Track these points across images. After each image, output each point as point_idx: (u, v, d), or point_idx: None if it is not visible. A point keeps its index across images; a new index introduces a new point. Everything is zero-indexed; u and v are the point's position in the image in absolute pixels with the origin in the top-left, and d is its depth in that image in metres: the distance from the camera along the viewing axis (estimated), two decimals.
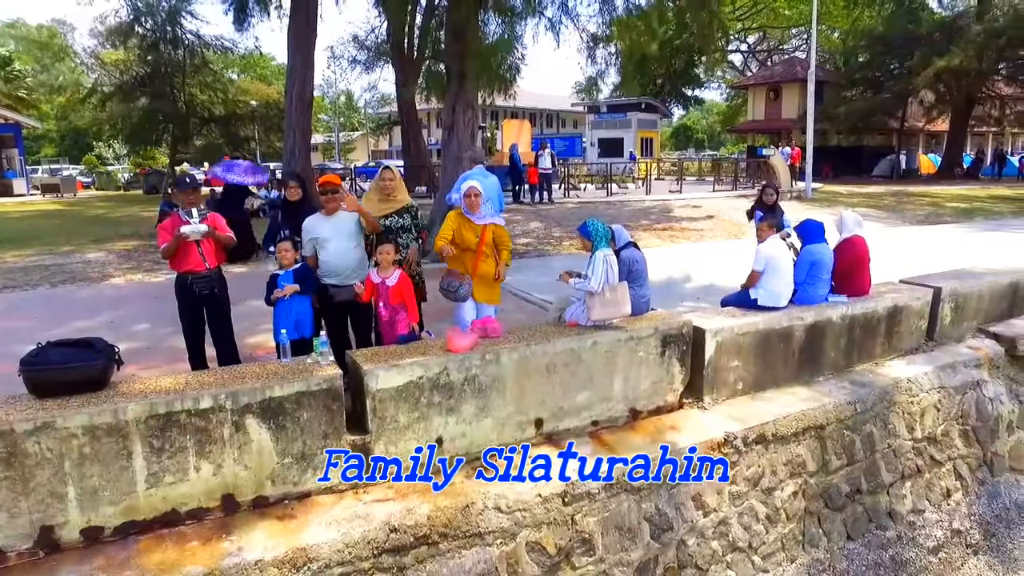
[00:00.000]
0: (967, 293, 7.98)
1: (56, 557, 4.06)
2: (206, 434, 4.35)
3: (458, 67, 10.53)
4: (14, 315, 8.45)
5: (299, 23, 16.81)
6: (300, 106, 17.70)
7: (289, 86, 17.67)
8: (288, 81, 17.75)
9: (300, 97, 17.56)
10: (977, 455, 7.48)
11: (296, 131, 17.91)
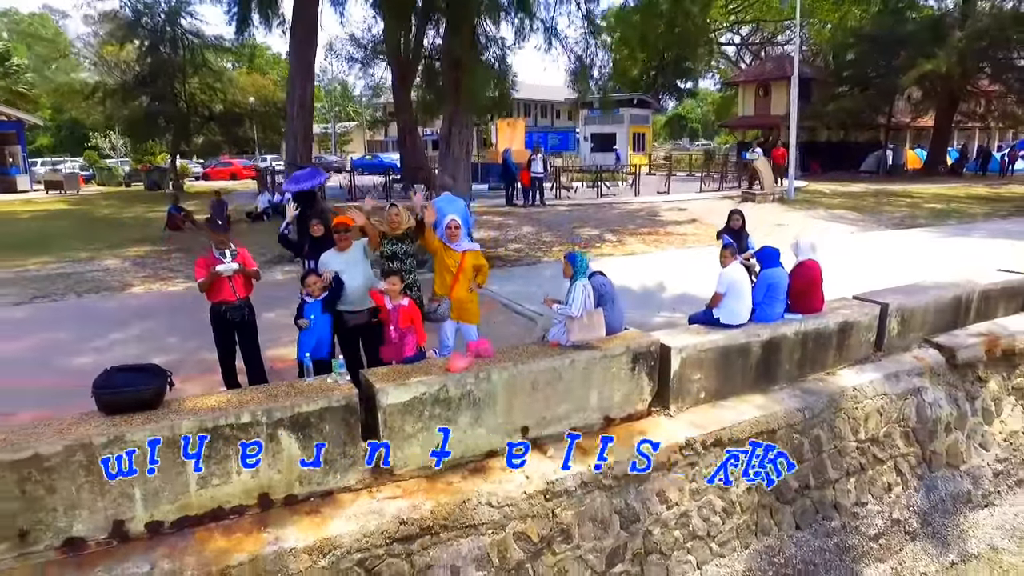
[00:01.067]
0: (913, 308, 8.88)
1: (126, 546, 4.93)
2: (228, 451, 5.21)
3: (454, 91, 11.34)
4: (52, 327, 9.28)
5: (300, 34, 17.56)
6: (301, 112, 18.48)
7: (290, 93, 18.43)
8: (289, 88, 18.52)
9: (301, 104, 18.34)
10: (917, 453, 8.41)
11: (297, 136, 18.70)
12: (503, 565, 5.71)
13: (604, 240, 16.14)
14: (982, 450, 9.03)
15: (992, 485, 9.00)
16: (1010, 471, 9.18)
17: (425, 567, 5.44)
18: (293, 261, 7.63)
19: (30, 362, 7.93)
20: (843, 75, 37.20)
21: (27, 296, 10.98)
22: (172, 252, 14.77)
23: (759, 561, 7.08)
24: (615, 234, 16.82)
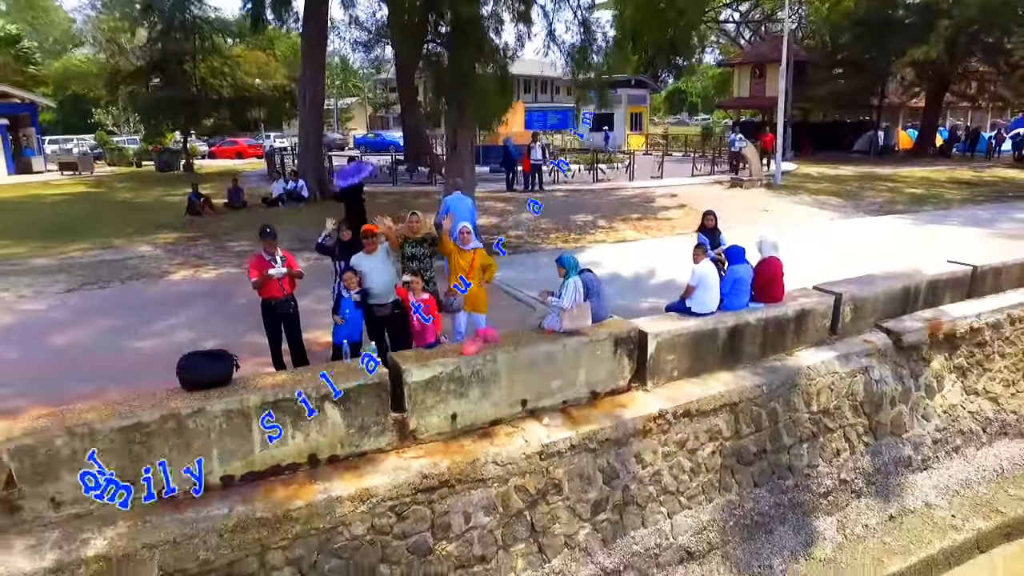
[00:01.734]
0: (865, 297, 10.11)
1: (207, 495, 6.21)
2: (298, 414, 6.47)
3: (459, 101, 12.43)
4: (107, 313, 10.51)
5: (311, 32, 18.58)
6: (312, 105, 19.57)
7: (302, 90, 19.50)
8: (300, 84, 19.59)
9: (312, 98, 19.43)
10: (864, 423, 9.69)
11: (309, 128, 19.79)
12: (506, 512, 7.01)
13: (597, 227, 17.32)
14: (924, 421, 10.32)
15: (931, 451, 10.31)
16: (948, 439, 10.49)
17: (443, 513, 6.74)
18: (315, 252, 8.94)
19: (99, 345, 9.16)
20: (837, 58, 37.96)
21: (76, 283, 12.18)
22: (199, 239, 15.94)
23: (722, 513, 8.39)
24: (608, 221, 18.00)
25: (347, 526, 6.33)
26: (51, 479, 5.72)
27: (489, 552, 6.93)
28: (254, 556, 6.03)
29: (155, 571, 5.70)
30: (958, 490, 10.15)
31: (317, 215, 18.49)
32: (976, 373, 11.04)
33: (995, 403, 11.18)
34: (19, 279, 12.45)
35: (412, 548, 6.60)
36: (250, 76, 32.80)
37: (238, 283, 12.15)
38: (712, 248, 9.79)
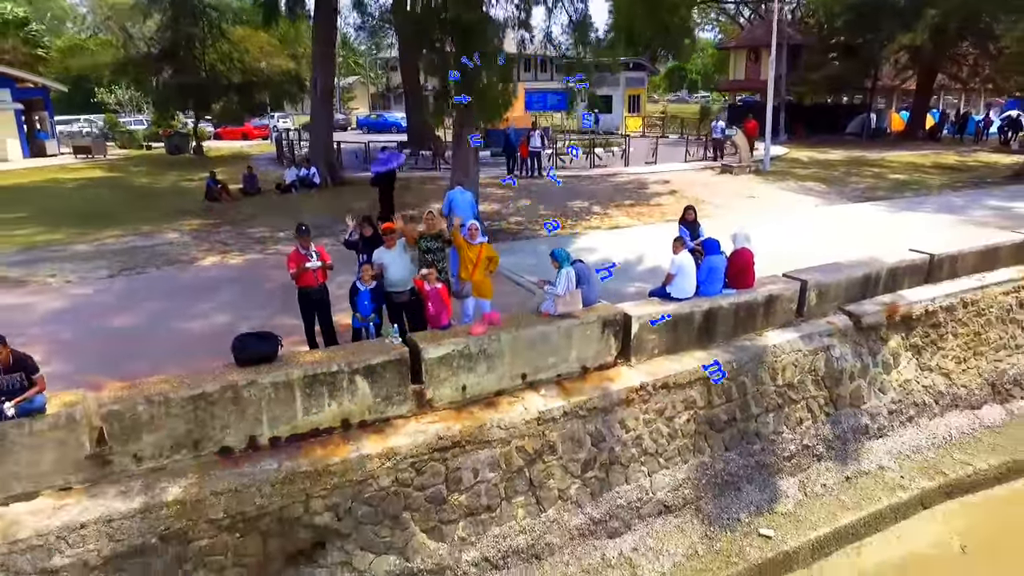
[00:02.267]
0: (829, 283, 11.29)
1: (258, 452, 7.43)
2: (333, 385, 7.67)
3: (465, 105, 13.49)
4: (149, 298, 11.69)
5: (321, 32, 19.56)
6: (323, 96, 20.62)
7: (314, 81, 20.54)
8: (313, 76, 20.58)
9: (323, 90, 20.48)
10: (825, 396, 10.92)
11: (319, 118, 20.84)
12: (508, 469, 8.25)
13: (593, 213, 18.45)
14: (880, 394, 11.56)
15: (887, 421, 11.56)
16: (902, 410, 11.74)
17: (455, 469, 7.98)
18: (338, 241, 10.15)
19: (147, 327, 10.35)
20: (832, 42, 38.74)
21: (115, 269, 13.34)
22: (220, 225, 17.06)
23: (695, 472, 9.66)
24: (603, 207, 19.12)
25: (375, 479, 7.57)
26: (134, 439, 6.95)
27: (494, 502, 8.19)
28: (300, 503, 7.28)
29: (220, 514, 6.94)
30: (909, 455, 11.44)
31: (329, 201, 19.77)
32: (930, 351, 12.26)
33: (947, 378, 12.42)
34: (63, 265, 13.62)
35: (429, 498, 7.86)
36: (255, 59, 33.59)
37: (263, 269, 13.39)
38: (692, 239, 10.95)
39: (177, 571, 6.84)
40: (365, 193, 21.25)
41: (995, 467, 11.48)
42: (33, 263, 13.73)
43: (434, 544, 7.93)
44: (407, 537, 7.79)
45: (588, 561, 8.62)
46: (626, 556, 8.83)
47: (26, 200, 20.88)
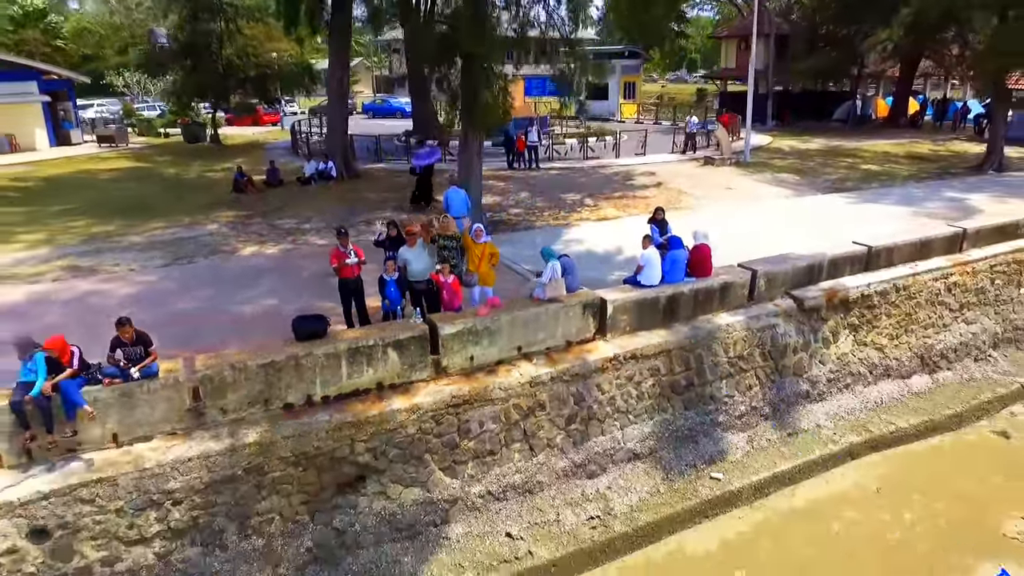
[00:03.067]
0: (776, 272, 13.41)
1: (312, 408, 9.61)
2: (370, 356, 9.84)
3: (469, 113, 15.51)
4: (204, 284, 13.81)
5: (337, 41, 21.48)
6: (339, 99, 22.61)
7: (330, 81, 22.50)
8: (329, 77, 22.56)
9: (338, 92, 22.49)
10: (771, 366, 13.09)
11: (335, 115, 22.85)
12: (507, 422, 10.45)
13: (583, 205, 20.52)
14: (820, 365, 13.74)
15: (825, 387, 13.75)
16: (839, 379, 13.92)
17: (465, 421, 10.17)
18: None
19: (208, 309, 12.49)
20: (818, 33, 40.43)
21: (169, 259, 15.47)
22: (252, 217, 19.11)
23: (659, 427, 11.86)
24: (593, 199, 21.19)
25: (403, 428, 9.77)
26: (220, 396, 9.12)
27: (495, 448, 10.40)
28: (346, 446, 9.47)
29: (287, 453, 9.14)
30: (843, 415, 13.65)
31: (345, 193, 21.81)
32: (866, 329, 14.41)
33: (881, 352, 14.59)
34: (123, 255, 15.75)
35: (445, 443, 10.06)
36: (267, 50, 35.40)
37: (297, 259, 15.52)
38: (661, 236, 13.06)
39: (257, 495, 9.06)
40: (376, 185, 23.41)
41: (915, 426, 13.72)
42: (98, 253, 15.86)
43: (449, 480, 10.16)
44: (428, 474, 10.01)
45: (570, 496, 10.87)
46: (601, 492, 11.07)
47: (69, 192, 22.95)
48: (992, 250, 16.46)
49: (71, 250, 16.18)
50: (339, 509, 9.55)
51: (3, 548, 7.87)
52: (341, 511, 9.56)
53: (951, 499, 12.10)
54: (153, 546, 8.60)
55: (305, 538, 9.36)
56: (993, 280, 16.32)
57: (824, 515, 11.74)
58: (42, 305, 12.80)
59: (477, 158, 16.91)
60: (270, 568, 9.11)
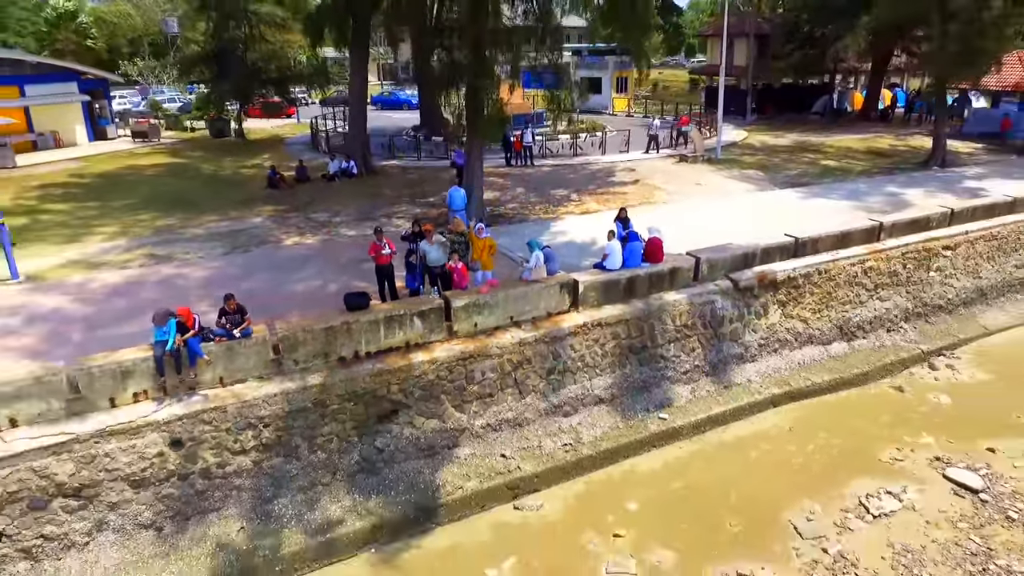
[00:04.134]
0: (717, 259, 16.86)
1: (359, 361, 13.14)
2: (400, 322, 13.36)
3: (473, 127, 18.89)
4: (262, 269, 17.28)
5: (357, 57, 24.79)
6: (358, 99, 25.96)
7: (350, 90, 25.84)
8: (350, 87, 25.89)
9: (357, 94, 25.82)
10: (711, 333, 16.58)
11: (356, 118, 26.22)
12: (502, 372, 13.98)
13: (570, 200, 23.93)
14: (753, 333, 17.24)
15: (756, 351, 17.26)
16: (768, 344, 17.43)
17: (471, 371, 13.70)
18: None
19: (269, 289, 15.95)
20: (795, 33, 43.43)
21: (228, 248, 18.93)
22: (289, 212, 22.54)
23: (619, 379, 15.39)
24: (579, 194, 24.61)
25: (425, 375, 13.30)
26: (293, 351, 12.63)
27: (494, 391, 13.95)
28: (384, 387, 13.00)
29: (342, 392, 12.68)
30: (770, 373, 17.18)
31: (365, 189, 25.20)
32: (792, 305, 17.88)
33: (805, 323, 18.09)
34: (189, 244, 19.24)
35: (456, 387, 13.60)
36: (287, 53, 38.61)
37: (334, 248, 18.98)
38: (624, 230, 16.51)
39: (320, 422, 12.61)
40: (392, 181, 26.84)
41: (828, 381, 17.28)
42: (168, 243, 19.36)
43: (458, 414, 13.72)
44: (443, 410, 13.57)
45: (550, 428, 14.44)
46: (573, 427, 14.64)
47: (124, 188, 26.37)
48: (905, 240, 19.89)
49: (145, 241, 19.67)
50: (379, 433, 13.13)
51: (154, 452, 11.45)
52: (380, 435, 13.14)
53: (846, 435, 15.68)
54: (250, 455, 12.18)
55: (355, 453, 12.95)
56: (905, 265, 19.76)
57: (746, 447, 15.34)
58: (138, 285, 16.34)
59: (479, 163, 20.34)
60: (330, 474, 12.71)
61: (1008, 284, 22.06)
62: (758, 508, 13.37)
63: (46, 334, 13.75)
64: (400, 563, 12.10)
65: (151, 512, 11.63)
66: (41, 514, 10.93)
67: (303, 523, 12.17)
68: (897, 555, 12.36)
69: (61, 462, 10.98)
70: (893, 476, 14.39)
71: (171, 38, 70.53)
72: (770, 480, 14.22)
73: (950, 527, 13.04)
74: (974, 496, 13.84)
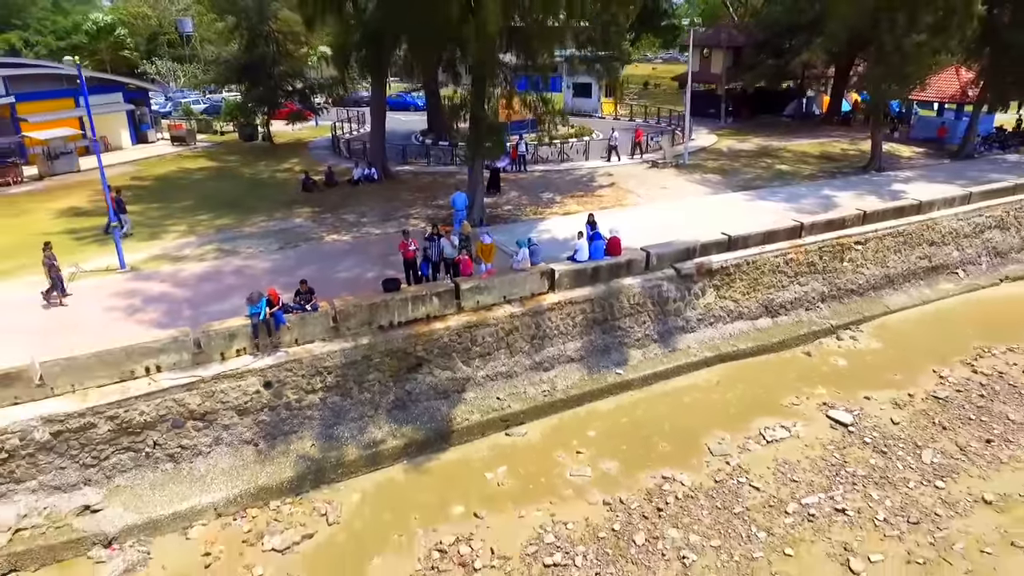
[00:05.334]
0: (664, 253, 21.79)
1: (392, 328, 18.11)
2: (423, 300, 18.35)
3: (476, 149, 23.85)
4: (311, 262, 22.19)
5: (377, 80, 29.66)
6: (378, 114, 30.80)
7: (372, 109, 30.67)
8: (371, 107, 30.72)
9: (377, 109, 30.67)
10: (658, 310, 21.56)
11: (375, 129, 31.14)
12: (497, 337, 18.98)
13: (555, 203, 28.82)
14: (692, 310, 22.21)
15: (695, 324, 22.25)
16: (705, 319, 22.41)
17: (474, 336, 18.69)
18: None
19: (320, 277, 20.81)
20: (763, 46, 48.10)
21: (281, 243, 23.82)
22: (323, 213, 27.42)
23: (586, 344, 20.39)
24: (563, 197, 29.50)
25: (441, 338, 18.29)
26: (347, 321, 17.62)
27: (491, 351, 18.94)
28: (411, 347, 18.00)
29: (383, 349, 17.68)
30: (705, 341, 22.17)
31: (385, 193, 30.11)
32: (725, 288, 22.82)
33: (736, 303, 23.04)
34: (248, 241, 24.16)
35: (463, 348, 18.60)
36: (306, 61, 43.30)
37: (366, 244, 23.89)
38: (592, 230, 21.41)
39: (367, 371, 17.58)
40: (407, 185, 31.69)
41: (751, 348, 22.28)
42: (231, 240, 24.30)
43: (466, 368, 18.72)
44: (454, 364, 18.57)
45: (532, 379, 19.46)
46: (550, 379, 19.66)
47: (179, 190, 31.25)
48: (822, 236, 24.81)
49: (212, 238, 24.60)
50: (408, 380, 18.13)
51: (253, 391, 16.45)
52: (409, 381, 18.14)
53: (759, 387, 20.68)
54: (318, 394, 17.17)
55: (391, 395, 17.95)
56: (821, 256, 24.68)
57: (681, 395, 20.34)
58: (218, 274, 21.30)
59: (480, 175, 25.24)
60: (374, 409, 17.72)
61: (912, 272, 26.99)
62: (683, 436, 18.39)
63: (164, 311, 18.72)
64: (424, 470, 17.14)
65: (251, 432, 16.66)
66: (180, 431, 15.95)
67: (355, 441, 17.21)
68: (779, 465, 17.39)
69: (191, 395, 15.98)
70: (788, 415, 19.40)
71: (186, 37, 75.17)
72: (695, 418, 19.22)
73: (821, 448, 18.07)
74: (845, 429, 18.86)
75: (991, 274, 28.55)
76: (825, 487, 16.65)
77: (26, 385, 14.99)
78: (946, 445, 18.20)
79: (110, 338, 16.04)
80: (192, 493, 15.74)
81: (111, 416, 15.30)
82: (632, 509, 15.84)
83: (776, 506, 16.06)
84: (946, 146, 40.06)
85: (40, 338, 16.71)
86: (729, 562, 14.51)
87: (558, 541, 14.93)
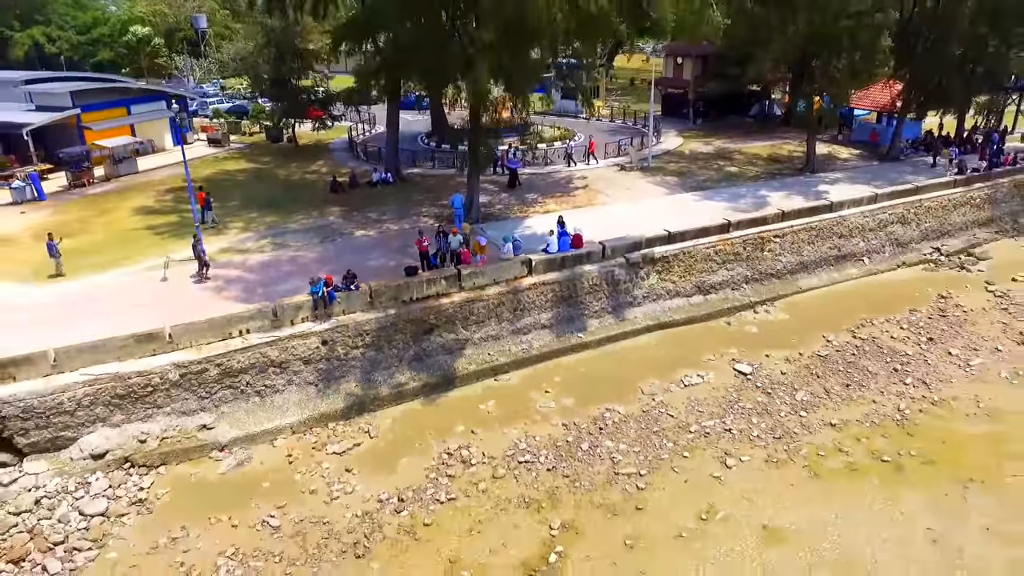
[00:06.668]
0: (617, 245, 28.48)
1: (412, 303, 24.86)
2: (434, 282, 25.11)
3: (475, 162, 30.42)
4: (347, 253, 28.82)
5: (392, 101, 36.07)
6: (391, 125, 37.33)
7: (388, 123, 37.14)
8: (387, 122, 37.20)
9: (392, 129, 37.16)
10: (612, 289, 28.29)
11: (390, 139, 37.68)
12: (488, 309, 25.76)
13: (537, 202, 35.37)
14: (639, 289, 28.95)
15: (641, 300, 29.02)
16: (649, 297, 29.17)
17: (472, 308, 25.46)
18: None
19: (355, 263, 27.40)
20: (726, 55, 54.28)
21: (321, 237, 30.42)
22: (351, 211, 33.93)
23: (555, 315, 27.18)
24: (543, 197, 36.07)
25: (447, 310, 25.05)
26: (380, 297, 24.37)
27: (485, 319, 25.72)
28: (426, 317, 24.77)
29: (408, 319, 24.44)
30: (648, 313, 28.94)
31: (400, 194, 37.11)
32: (666, 273, 29.51)
33: (674, 284, 29.78)
34: (294, 235, 30.77)
35: (463, 317, 25.38)
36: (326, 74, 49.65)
37: (388, 238, 30.58)
38: (561, 228, 28.05)
39: (394, 332, 24.33)
40: (418, 187, 38.26)
41: (685, 318, 29.08)
42: (280, 235, 30.97)
43: (466, 331, 25.51)
44: (457, 329, 25.35)
45: (514, 341, 26.26)
46: (527, 340, 26.47)
47: (226, 191, 37.65)
48: (746, 231, 31.46)
49: (265, 233, 31.20)
50: (424, 340, 24.91)
51: (314, 347, 23.21)
52: (424, 342, 24.91)
53: (686, 348, 27.47)
54: (360, 350, 23.95)
55: (411, 351, 24.73)
56: (745, 247, 31.35)
57: (627, 353, 27.14)
58: (277, 262, 27.97)
59: (477, 180, 31.79)
60: (399, 360, 24.51)
61: (823, 259, 33.67)
62: (624, 382, 25.18)
63: (242, 289, 25.41)
64: (436, 403, 23.99)
65: (313, 376, 23.43)
66: (264, 374, 22.74)
67: (387, 383, 24.00)
68: (691, 401, 24.22)
69: (272, 350, 22.74)
70: (703, 368, 26.20)
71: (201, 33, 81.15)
72: (635, 369, 26.01)
73: (724, 390, 24.90)
74: (744, 377, 25.68)
75: (891, 260, 35.25)
76: (720, 415, 23.48)
77: (161, 342, 21.73)
78: (815, 388, 25.04)
79: (206, 311, 22.74)
80: (274, 417, 22.54)
81: (218, 364, 22.03)
82: (581, 428, 22.69)
83: (683, 427, 22.90)
84: (878, 148, 46.51)
85: (160, 310, 23.38)
86: (644, 461, 21.37)
87: (529, 448, 21.77)
